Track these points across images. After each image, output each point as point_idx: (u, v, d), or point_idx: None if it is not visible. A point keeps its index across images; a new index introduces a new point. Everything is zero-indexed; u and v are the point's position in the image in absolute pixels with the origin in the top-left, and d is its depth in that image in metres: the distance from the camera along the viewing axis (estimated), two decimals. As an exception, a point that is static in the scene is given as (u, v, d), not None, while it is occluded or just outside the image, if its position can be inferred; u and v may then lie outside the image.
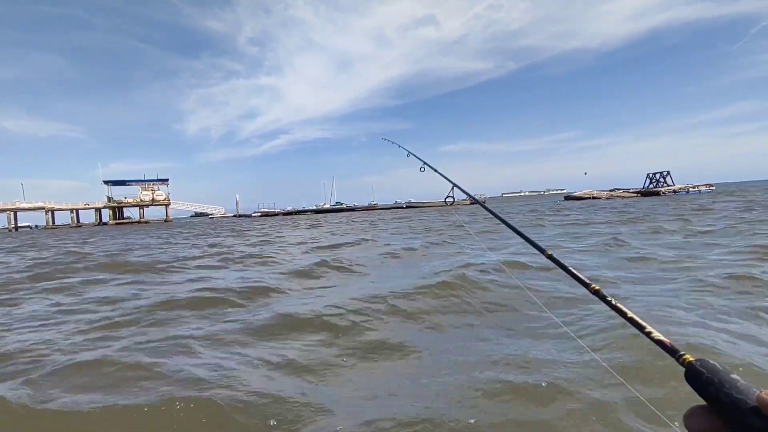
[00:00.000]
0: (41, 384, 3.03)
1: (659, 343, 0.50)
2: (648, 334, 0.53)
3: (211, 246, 14.58)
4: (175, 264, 9.67)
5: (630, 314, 0.58)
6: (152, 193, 67.58)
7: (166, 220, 66.79)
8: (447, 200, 1.89)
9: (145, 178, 68.94)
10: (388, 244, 11.63)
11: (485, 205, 1.46)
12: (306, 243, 13.98)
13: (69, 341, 4.06)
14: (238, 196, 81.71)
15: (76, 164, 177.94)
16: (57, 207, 62.84)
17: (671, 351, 0.47)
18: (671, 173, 54.68)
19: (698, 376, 0.41)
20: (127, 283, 7.38)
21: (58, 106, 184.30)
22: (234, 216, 75.49)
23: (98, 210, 65.85)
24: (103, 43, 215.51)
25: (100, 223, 64.96)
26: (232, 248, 13.10)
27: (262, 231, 23.49)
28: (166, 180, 70.03)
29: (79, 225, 63.82)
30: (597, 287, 0.68)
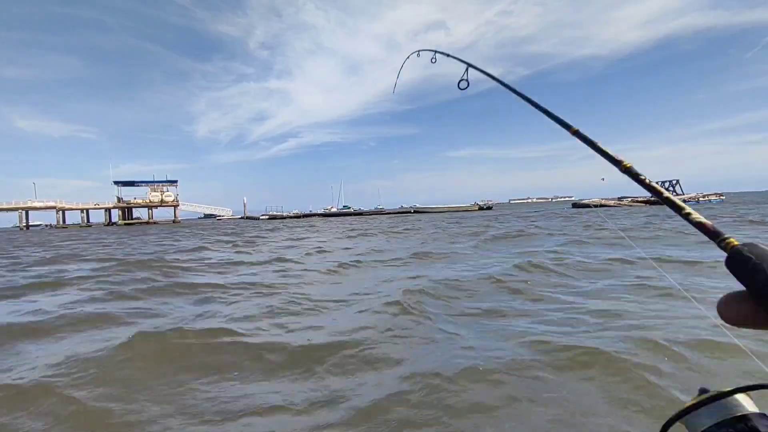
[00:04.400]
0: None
1: (699, 225, 0.45)
2: (687, 216, 0.48)
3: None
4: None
5: (666, 194, 0.53)
6: (161, 194, 68.24)
7: (174, 221, 67.33)
8: (460, 84, 1.57)
9: (155, 179, 69.65)
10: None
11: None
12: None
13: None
14: (245, 199, 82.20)
15: (88, 164, 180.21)
16: (68, 206, 63.63)
17: (713, 234, 0.42)
18: (680, 182, 54.06)
19: (745, 262, 0.37)
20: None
21: (71, 106, 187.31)
22: (241, 218, 75.89)
23: (108, 210, 66.57)
24: (116, 45, 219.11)
25: (110, 223, 65.62)
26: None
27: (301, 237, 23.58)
28: (175, 181, 70.68)
29: (89, 224, 64.55)
30: (628, 164, 0.62)
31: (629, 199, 53.24)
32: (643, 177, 0.58)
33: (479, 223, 24.75)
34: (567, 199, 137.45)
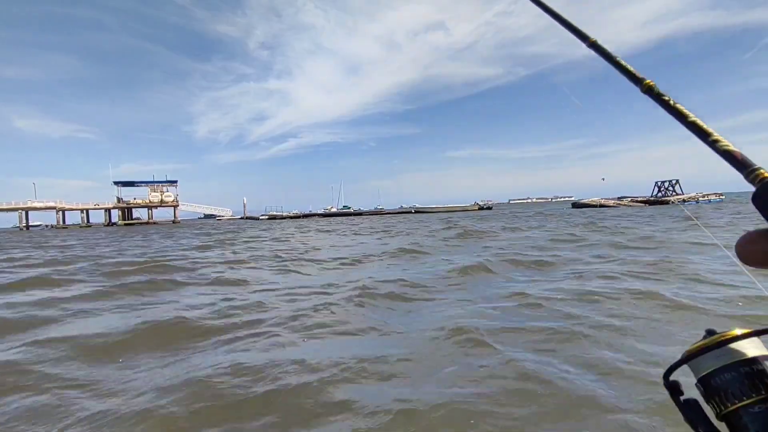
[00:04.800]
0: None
1: (726, 153, 0.41)
2: (713, 143, 0.43)
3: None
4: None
5: (692, 118, 0.47)
6: (161, 195, 68.29)
7: (174, 222, 67.35)
8: None
9: (154, 180, 69.71)
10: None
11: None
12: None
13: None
14: (245, 199, 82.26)
15: (87, 164, 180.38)
16: (68, 207, 63.64)
17: (741, 164, 0.38)
18: (680, 182, 54.14)
19: None
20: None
21: (70, 106, 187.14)
22: (241, 218, 75.93)
23: (108, 210, 66.59)
24: (116, 45, 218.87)
25: (110, 223, 65.63)
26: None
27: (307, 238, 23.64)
28: (175, 182, 70.72)
29: (88, 225, 64.58)
30: (651, 82, 0.56)
31: (629, 199, 53.31)
32: (666, 98, 0.53)
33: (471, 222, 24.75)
34: (567, 199, 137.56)
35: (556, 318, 4.37)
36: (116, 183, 67.67)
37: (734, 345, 0.43)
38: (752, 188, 0.38)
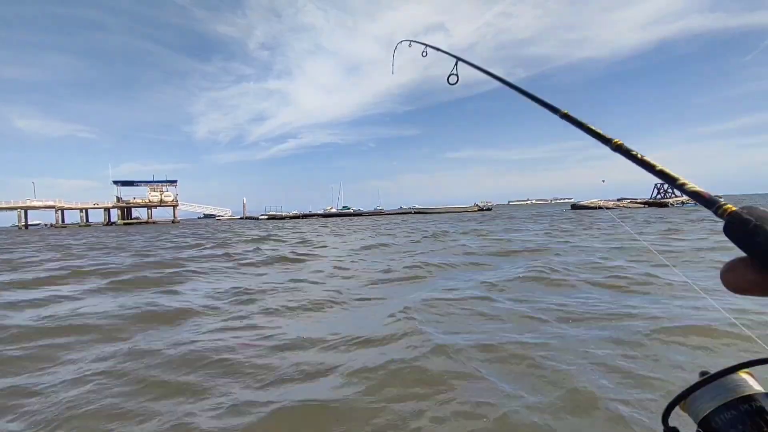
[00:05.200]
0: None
1: (694, 194, 0.43)
2: (681, 186, 0.45)
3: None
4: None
5: (660, 167, 0.50)
6: (161, 194, 68.38)
7: (173, 221, 67.41)
8: (449, 79, 1.46)
9: (154, 179, 69.82)
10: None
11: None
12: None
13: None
14: (245, 199, 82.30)
15: (87, 164, 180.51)
16: (67, 206, 63.68)
17: (709, 203, 0.41)
18: (680, 184, 54.15)
19: (745, 225, 0.35)
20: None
21: (71, 106, 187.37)
22: (240, 218, 75.96)
23: (107, 210, 66.63)
24: (117, 45, 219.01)
25: (109, 222, 65.66)
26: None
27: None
28: (175, 181, 70.85)
29: (88, 224, 64.60)
30: (619, 141, 0.59)
31: (628, 200, 53.43)
32: (634, 152, 0.55)
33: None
34: (567, 200, 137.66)
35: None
36: (116, 182, 67.75)
37: (730, 381, 0.43)
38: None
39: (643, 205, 49.26)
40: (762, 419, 0.40)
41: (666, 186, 53.93)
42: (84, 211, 65.76)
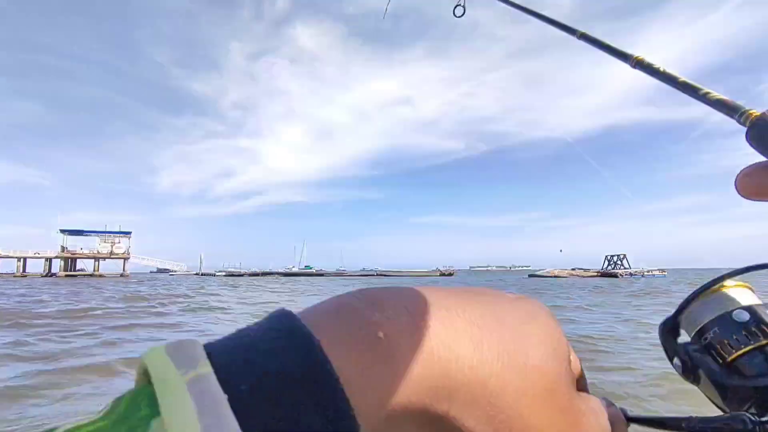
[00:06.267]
0: None
1: (718, 102, 0.42)
2: (704, 96, 0.45)
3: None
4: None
5: (682, 79, 0.49)
6: (111, 246, 64.82)
7: (122, 275, 63.36)
8: (456, 11, 1.36)
9: (107, 230, 66.52)
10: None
11: None
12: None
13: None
14: (202, 254, 79.63)
15: (34, 211, 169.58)
16: (3, 254, 58.91)
17: (733, 109, 0.40)
18: (627, 256, 57.61)
19: None
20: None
21: (26, 150, 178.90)
22: (196, 274, 72.68)
23: (49, 260, 62.08)
24: (84, 94, 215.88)
25: (49, 273, 60.88)
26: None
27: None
28: (129, 233, 67.74)
29: (24, 274, 59.57)
30: (640, 57, 0.57)
31: (581, 270, 55.83)
32: (656, 66, 0.54)
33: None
34: (525, 268, 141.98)
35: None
36: (63, 231, 63.96)
37: (727, 293, 0.43)
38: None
39: (596, 275, 51.56)
40: (758, 328, 0.39)
41: (616, 258, 57.24)
42: (22, 260, 60.89)
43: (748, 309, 0.41)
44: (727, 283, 0.43)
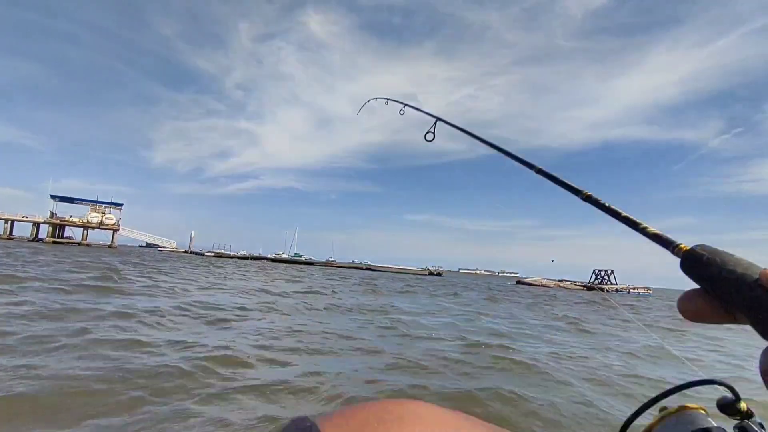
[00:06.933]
0: None
1: (654, 236, 0.47)
2: (643, 230, 0.50)
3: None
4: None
5: (624, 214, 0.55)
6: (101, 216, 64.12)
7: (110, 246, 62.82)
8: (426, 136, 1.65)
9: (98, 200, 65.80)
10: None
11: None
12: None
13: None
14: (193, 233, 79.07)
15: (26, 174, 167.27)
16: (-10, 215, 58.10)
17: (666, 242, 0.45)
18: (615, 272, 58.01)
19: (699, 259, 0.39)
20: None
21: (21, 112, 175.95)
22: (185, 252, 72.26)
23: (36, 224, 61.34)
24: (86, 59, 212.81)
25: (36, 239, 60.21)
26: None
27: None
28: (121, 204, 67.08)
29: (10, 237, 58.84)
30: (588, 193, 0.65)
31: (569, 282, 56.19)
32: (603, 202, 0.61)
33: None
34: (513, 274, 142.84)
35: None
36: (53, 197, 63.17)
37: (684, 416, 0.45)
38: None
39: (582, 288, 51.98)
40: None
41: (603, 272, 57.77)
42: (9, 222, 60.09)
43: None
44: (687, 404, 0.46)
